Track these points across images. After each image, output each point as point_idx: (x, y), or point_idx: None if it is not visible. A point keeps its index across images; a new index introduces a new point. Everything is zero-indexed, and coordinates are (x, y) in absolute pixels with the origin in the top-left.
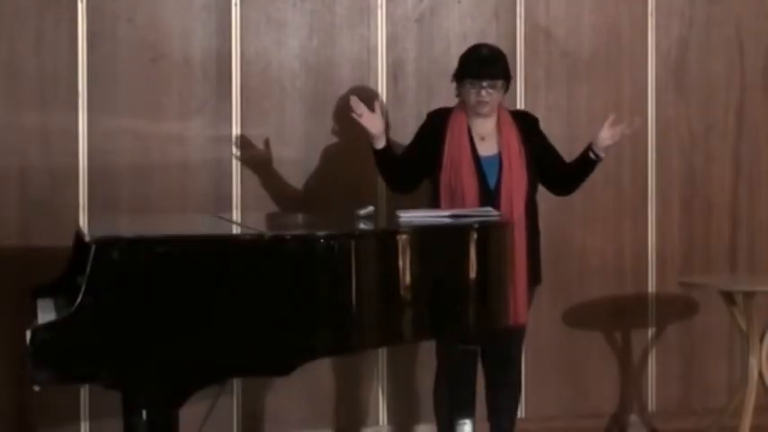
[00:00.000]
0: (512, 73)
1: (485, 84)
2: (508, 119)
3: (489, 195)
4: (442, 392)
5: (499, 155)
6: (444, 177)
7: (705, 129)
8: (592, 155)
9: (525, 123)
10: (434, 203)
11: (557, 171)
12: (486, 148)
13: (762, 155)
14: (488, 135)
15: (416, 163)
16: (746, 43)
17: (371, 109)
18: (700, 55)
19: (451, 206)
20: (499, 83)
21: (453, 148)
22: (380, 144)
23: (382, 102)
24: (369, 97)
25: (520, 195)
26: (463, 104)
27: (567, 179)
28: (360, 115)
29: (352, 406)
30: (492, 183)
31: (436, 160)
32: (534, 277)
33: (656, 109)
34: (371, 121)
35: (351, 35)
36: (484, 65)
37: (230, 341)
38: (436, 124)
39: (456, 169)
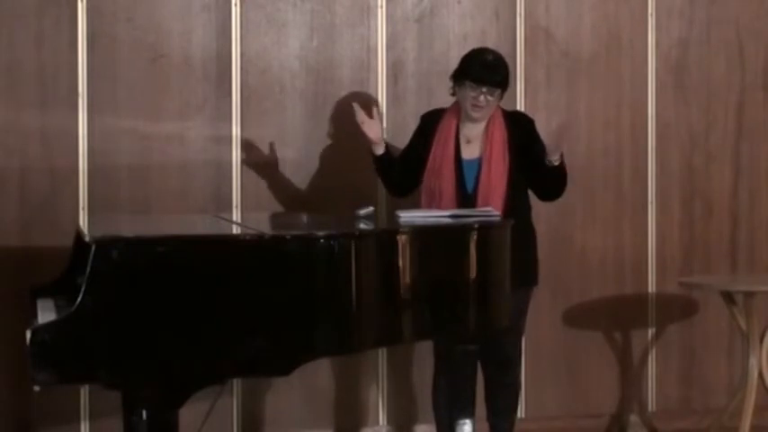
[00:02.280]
0: (512, 73)
1: (485, 89)
2: (499, 121)
3: (466, 198)
4: (440, 393)
5: (480, 158)
6: (426, 179)
7: (705, 129)
8: (547, 161)
9: (519, 125)
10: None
11: (535, 174)
12: (470, 152)
13: (762, 155)
14: (475, 138)
15: (412, 165)
16: (746, 43)
17: (369, 114)
18: (700, 55)
19: (429, 207)
20: (498, 91)
21: (438, 150)
22: (380, 150)
23: (380, 107)
24: (367, 100)
25: (497, 200)
26: (457, 105)
27: (538, 185)
28: (361, 123)
29: (351, 406)
30: (470, 186)
31: (424, 162)
32: (529, 279)
33: (656, 109)
34: (371, 128)
35: (351, 35)
36: (488, 70)
37: (230, 341)
38: (428, 126)
39: (437, 172)
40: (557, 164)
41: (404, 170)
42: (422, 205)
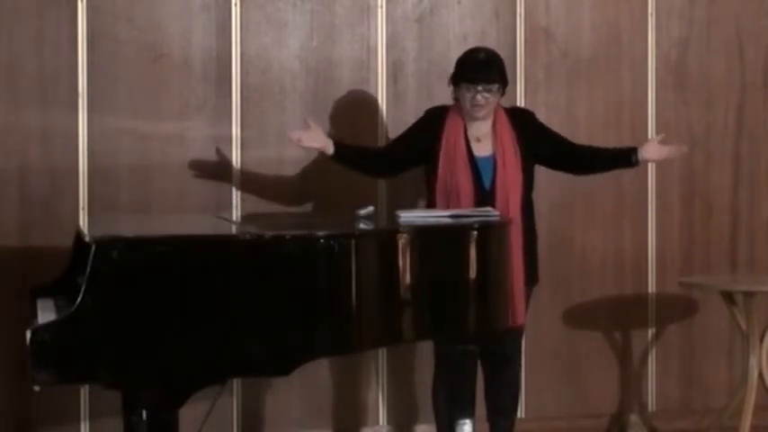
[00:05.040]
0: (512, 73)
1: (480, 88)
2: (504, 119)
3: (484, 195)
4: (440, 393)
5: (494, 155)
6: (440, 178)
7: (705, 129)
8: (634, 159)
9: (521, 120)
10: (430, 206)
11: (566, 152)
12: (482, 149)
13: (762, 155)
14: (484, 137)
15: (407, 153)
16: (746, 43)
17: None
18: (700, 55)
19: (446, 206)
20: (495, 87)
21: (450, 148)
22: (331, 150)
23: (306, 119)
24: (367, 100)
25: (515, 196)
26: (460, 106)
27: (591, 163)
28: (299, 140)
29: (351, 406)
30: (487, 183)
31: (430, 158)
32: (532, 277)
33: (656, 109)
34: (314, 140)
35: (351, 35)
36: (480, 69)
37: (230, 341)
38: (433, 122)
39: (452, 169)
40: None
41: (396, 156)
42: (437, 206)
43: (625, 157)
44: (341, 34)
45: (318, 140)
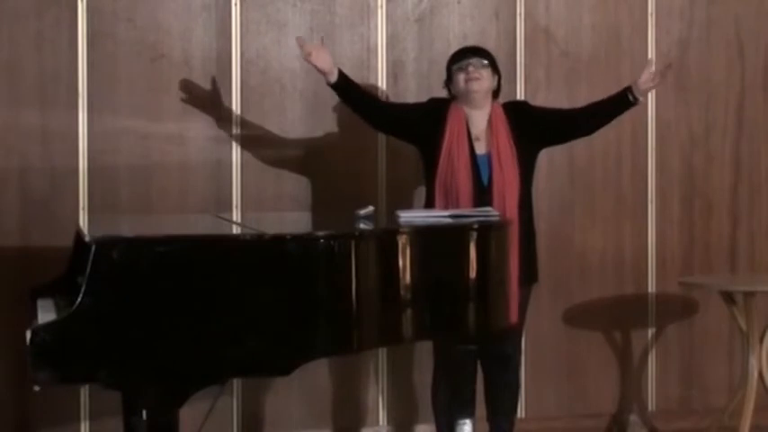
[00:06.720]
0: (512, 73)
1: (471, 61)
2: (501, 115)
3: (482, 192)
4: (440, 393)
5: (489, 152)
6: (440, 175)
7: (705, 129)
8: (630, 97)
9: (516, 112)
10: (429, 205)
11: (569, 120)
12: (480, 147)
13: (762, 155)
14: (481, 134)
15: (404, 125)
16: (746, 43)
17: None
18: (700, 55)
19: (445, 203)
20: (485, 62)
21: (452, 145)
22: (333, 78)
23: (322, 38)
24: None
25: (512, 194)
26: (460, 104)
27: (591, 119)
28: (309, 54)
29: (351, 406)
30: (485, 180)
31: (428, 149)
32: (530, 276)
33: (656, 109)
34: (320, 58)
35: (351, 35)
36: (469, 50)
37: (230, 341)
38: (436, 113)
39: (452, 167)
40: (641, 101)
41: (392, 117)
42: (436, 205)
43: (623, 99)
44: (341, 34)
45: (326, 62)
